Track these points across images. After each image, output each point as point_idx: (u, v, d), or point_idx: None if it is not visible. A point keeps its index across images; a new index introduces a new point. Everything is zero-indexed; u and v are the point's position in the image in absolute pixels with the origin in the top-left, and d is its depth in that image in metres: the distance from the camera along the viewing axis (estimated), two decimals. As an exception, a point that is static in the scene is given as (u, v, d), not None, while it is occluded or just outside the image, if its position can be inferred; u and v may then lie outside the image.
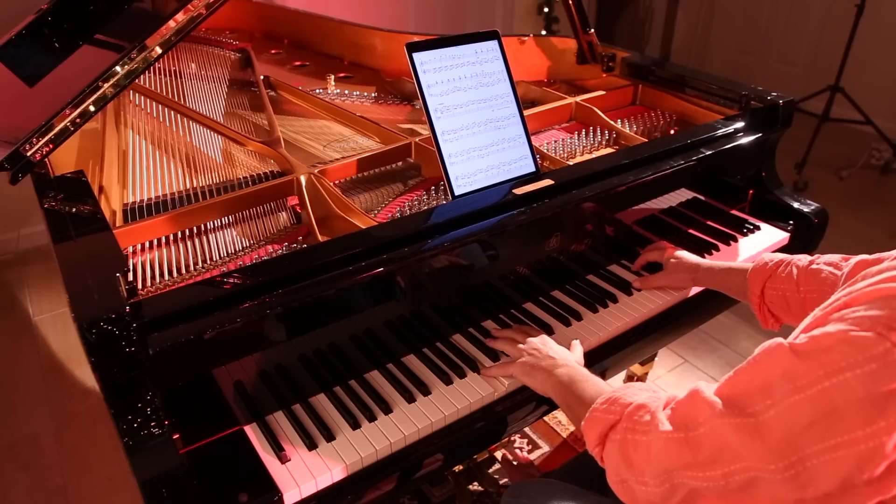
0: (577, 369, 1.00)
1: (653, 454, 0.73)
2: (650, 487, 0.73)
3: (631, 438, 0.76)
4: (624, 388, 0.86)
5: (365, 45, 2.08)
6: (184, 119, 1.57)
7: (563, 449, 1.97)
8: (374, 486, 0.96)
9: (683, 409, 0.72)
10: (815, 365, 0.60)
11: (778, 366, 0.63)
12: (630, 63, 1.79)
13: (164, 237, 1.16)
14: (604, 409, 0.83)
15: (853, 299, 0.63)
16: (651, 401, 0.78)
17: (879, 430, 0.57)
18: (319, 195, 1.22)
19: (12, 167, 1.09)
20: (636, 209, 1.38)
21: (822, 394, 0.59)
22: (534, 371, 1.03)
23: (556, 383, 0.99)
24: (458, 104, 1.22)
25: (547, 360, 1.03)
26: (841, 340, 0.59)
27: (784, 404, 0.61)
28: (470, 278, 1.17)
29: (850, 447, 0.58)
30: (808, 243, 1.52)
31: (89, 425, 2.09)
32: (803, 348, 0.62)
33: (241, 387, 0.99)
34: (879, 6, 3.73)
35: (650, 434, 0.74)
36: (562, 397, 0.98)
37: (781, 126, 1.51)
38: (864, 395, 0.57)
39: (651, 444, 0.73)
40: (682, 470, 0.69)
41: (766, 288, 1.10)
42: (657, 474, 0.72)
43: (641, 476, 0.74)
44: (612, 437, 0.80)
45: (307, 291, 0.97)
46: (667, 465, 0.71)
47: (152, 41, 1.10)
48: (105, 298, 0.84)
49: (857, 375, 0.57)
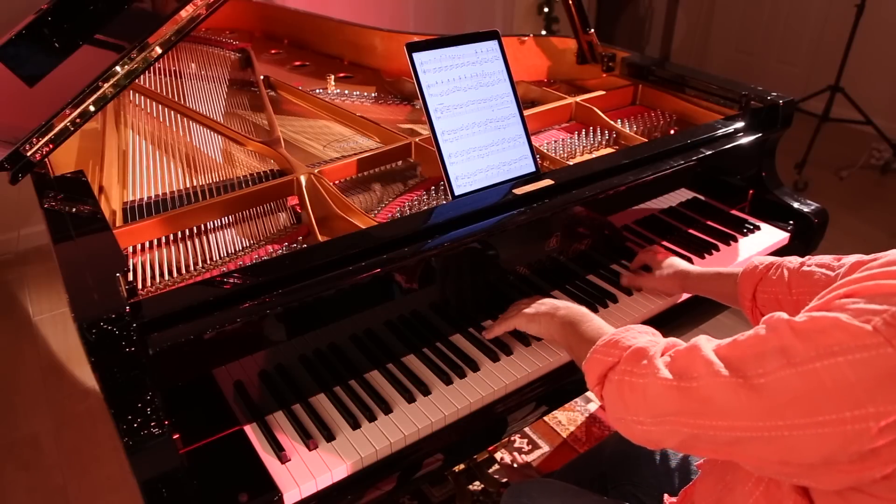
0: (577, 309, 1.03)
1: (649, 397, 0.76)
2: (646, 426, 0.76)
3: (628, 381, 0.79)
4: (624, 331, 0.88)
5: (365, 45, 2.08)
6: (184, 119, 1.58)
7: (563, 449, 1.97)
8: (374, 486, 0.96)
9: (681, 360, 0.74)
10: (810, 345, 0.62)
11: (776, 339, 0.65)
12: (630, 63, 1.79)
13: (165, 237, 1.16)
14: (604, 350, 0.85)
15: (855, 290, 0.64)
16: (650, 345, 0.80)
17: (867, 415, 0.58)
18: (319, 195, 1.22)
19: (12, 167, 1.09)
20: (636, 209, 1.38)
21: (813, 373, 0.61)
22: (536, 317, 1.07)
23: (559, 325, 1.02)
24: (458, 104, 1.22)
25: (546, 305, 1.07)
26: (837, 326, 0.61)
27: (774, 375, 0.63)
28: (470, 278, 1.17)
29: (837, 426, 0.59)
30: (808, 243, 1.52)
31: (89, 425, 2.09)
32: (801, 327, 0.64)
33: (241, 387, 0.99)
34: (879, 6, 3.73)
35: (647, 378, 0.76)
36: (564, 338, 1.01)
37: (781, 126, 1.51)
38: (855, 380, 0.59)
39: (647, 388, 0.76)
40: (675, 416, 0.72)
41: (757, 291, 1.09)
42: (653, 416, 0.75)
43: (637, 416, 0.77)
44: (611, 377, 0.82)
45: (307, 291, 0.97)
46: (661, 409, 0.74)
47: (152, 41, 1.10)
48: (105, 298, 0.84)
49: (849, 361, 0.59)
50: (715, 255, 1.42)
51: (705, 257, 1.41)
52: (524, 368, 1.11)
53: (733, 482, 0.82)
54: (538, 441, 2.00)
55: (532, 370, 1.11)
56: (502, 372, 1.11)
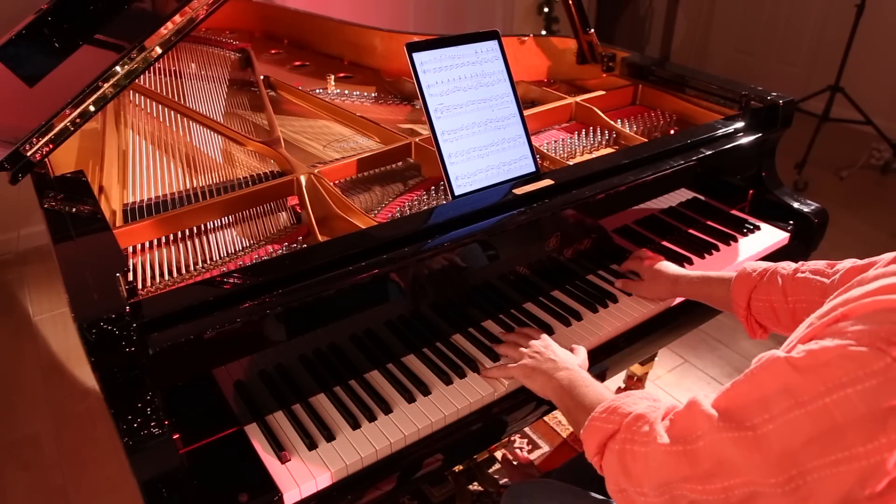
0: (577, 373, 0.99)
1: (651, 466, 0.73)
2: (649, 498, 0.73)
3: (630, 449, 0.76)
4: (624, 397, 0.85)
5: (365, 45, 2.08)
6: (184, 119, 1.57)
7: (563, 449, 1.97)
8: (374, 486, 0.96)
9: (682, 422, 0.71)
10: (815, 380, 0.59)
11: (776, 380, 0.62)
12: (630, 63, 1.79)
13: (165, 237, 1.16)
14: (603, 417, 0.83)
15: (850, 311, 0.62)
16: (650, 411, 0.78)
17: (881, 447, 0.56)
18: (319, 195, 1.22)
19: (12, 167, 1.09)
20: (636, 209, 1.38)
21: (823, 409, 0.58)
22: (534, 374, 1.03)
23: (557, 387, 0.98)
24: (458, 104, 1.22)
25: (548, 363, 1.03)
26: (840, 355, 0.59)
27: (783, 419, 0.61)
28: (470, 278, 1.17)
29: (851, 463, 0.57)
30: (808, 243, 1.52)
31: (89, 425, 2.09)
32: (802, 363, 0.61)
33: (241, 387, 0.99)
34: (879, 6, 3.73)
35: (649, 445, 0.73)
36: (561, 401, 0.98)
37: (781, 126, 1.51)
38: (866, 410, 0.56)
39: (650, 456, 0.73)
40: (681, 483, 0.69)
41: (752, 299, 1.07)
42: (656, 486, 0.72)
43: (640, 487, 0.74)
44: (611, 446, 0.79)
45: (307, 291, 0.97)
46: (666, 478, 0.71)
47: (152, 41, 1.10)
48: (105, 298, 0.84)
49: (858, 391, 0.57)
50: (715, 255, 1.42)
51: (705, 257, 1.41)
52: (524, 368, 1.11)
53: None
54: (538, 441, 2.00)
55: (532, 370, 1.11)
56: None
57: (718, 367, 2.28)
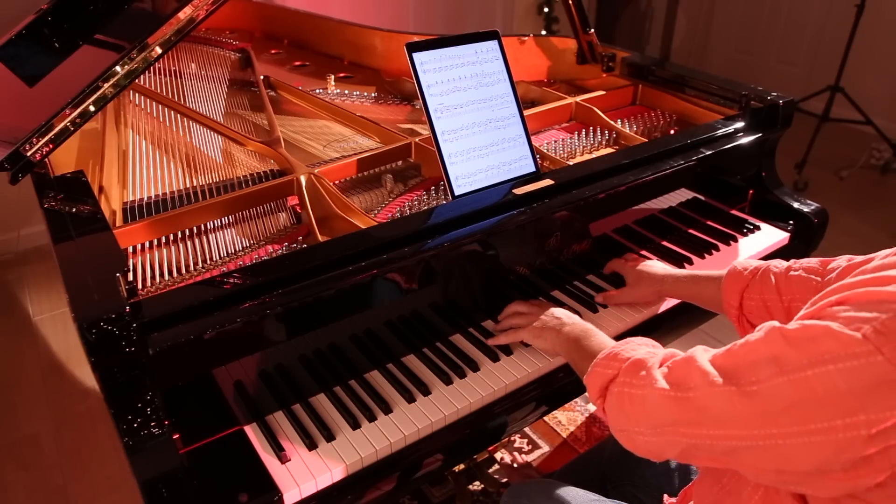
0: (582, 325, 1.04)
1: (647, 408, 0.77)
2: (647, 437, 0.77)
3: (628, 392, 0.80)
4: (624, 343, 0.89)
5: (365, 45, 2.08)
6: (184, 119, 1.57)
7: (563, 449, 1.97)
8: (374, 486, 0.96)
9: (678, 371, 0.75)
10: (801, 352, 0.62)
11: (768, 347, 0.66)
12: (630, 63, 1.79)
13: (165, 237, 1.16)
14: (604, 363, 0.87)
15: (846, 297, 0.64)
16: (649, 356, 0.82)
17: (858, 423, 0.58)
18: (319, 195, 1.22)
19: (12, 167, 1.09)
20: (636, 209, 1.38)
21: (804, 381, 0.61)
22: (543, 332, 1.07)
23: (564, 341, 1.03)
24: (458, 104, 1.22)
25: (553, 320, 1.08)
26: (828, 334, 0.61)
27: (768, 384, 0.64)
28: (470, 278, 1.17)
29: (828, 434, 0.60)
30: (808, 243, 1.52)
31: (89, 425, 2.09)
32: (793, 335, 0.64)
33: (241, 387, 0.99)
34: (879, 6, 3.73)
35: (645, 389, 0.78)
36: (569, 354, 1.02)
37: (781, 126, 1.51)
38: (846, 388, 0.59)
39: (646, 398, 0.77)
40: (673, 425, 0.73)
41: (744, 298, 1.06)
42: (651, 426, 0.76)
43: (637, 426, 0.78)
44: (612, 389, 0.83)
45: (307, 291, 0.97)
46: (660, 419, 0.75)
47: (152, 41, 1.10)
48: (105, 298, 0.84)
49: (840, 369, 0.59)
50: (715, 255, 1.42)
51: (705, 257, 1.41)
52: (524, 368, 1.11)
53: (730, 485, 0.82)
54: (538, 441, 2.00)
55: (532, 370, 1.11)
56: (502, 372, 1.11)
57: (718, 367, 2.27)
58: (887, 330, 0.58)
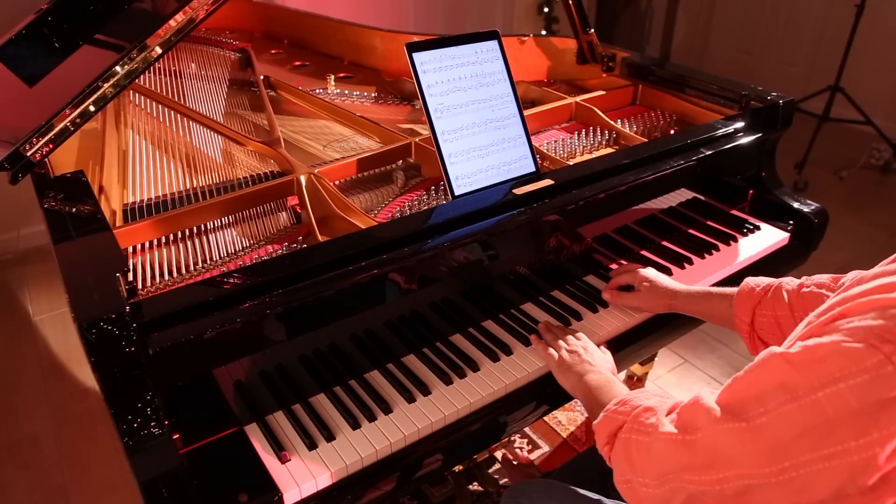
0: (605, 376, 1.03)
1: (653, 455, 0.75)
2: (651, 489, 0.75)
3: (635, 439, 0.79)
4: (637, 392, 0.88)
5: (365, 45, 2.08)
6: (184, 119, 1.57)
7: (563, 449, 1.97)
8: (374, 486, 0.96)
9: (685, 414, 0.74)
10: (809, 375, 0.60)
11: (773, 375, 0.63)
12: (630, 63, 1.79)
13: (165, 237, 1.16)
14: (615, 409, 0.86)
15: (848, 309, 0.62)
16: (658, 404, 0.80)
17: (872, 442, 0.57)
18: (319, 195, 1.22)
19: (12, 167, 1.09)
20: (636, 209, 1.38)
21: (815, 404, 0.59)
22: (568, 373, 1.07)
23: (584, 388, 1.02)
24: (458, 104, 1.22)
25: (583, 364, 1.06)
26: (834, 351, 0.59)
27: (777, 413, 0.62)
28: (470, 278, 1.17)
29: (843, 457, 0.58)
30: (808, 243, 1.52)
31: (89, 425, 2.09)
32: (797, 358, 0.62)
33: (241, 387, 0.99)
34: (879, 6, 3.73)
35: (652, 435, 0.76)
36: (587, 401, 1.01)
37: (781, 126, 1.51)
38: (858, 406, 0.57)
39: (652, 445, 0.75)
40: (680, 472, 0.71)
41: (756, 315, 1.06)
42: (657, 475, 0.74)
43: (643, 477, 0.76)
44: (620, 436, 0.82)
45: (307, 291, 0.97)
46: (665, 467, 0.73)
47: (152, 41, 1.10)
48: (105, 298, 0.84)
49: (850, 386, 0.57)
50: (715, 255, 1.42)
51: (705, 257, 1.41)
52: (524, 368, 1.11)
53: None
54: (538, 441, 2.00)
55: (532, 370, 1.11)
56: (502, 372, 1.11)
57: (718, 367, 2.28)
58: (893, 336, 0.56)
